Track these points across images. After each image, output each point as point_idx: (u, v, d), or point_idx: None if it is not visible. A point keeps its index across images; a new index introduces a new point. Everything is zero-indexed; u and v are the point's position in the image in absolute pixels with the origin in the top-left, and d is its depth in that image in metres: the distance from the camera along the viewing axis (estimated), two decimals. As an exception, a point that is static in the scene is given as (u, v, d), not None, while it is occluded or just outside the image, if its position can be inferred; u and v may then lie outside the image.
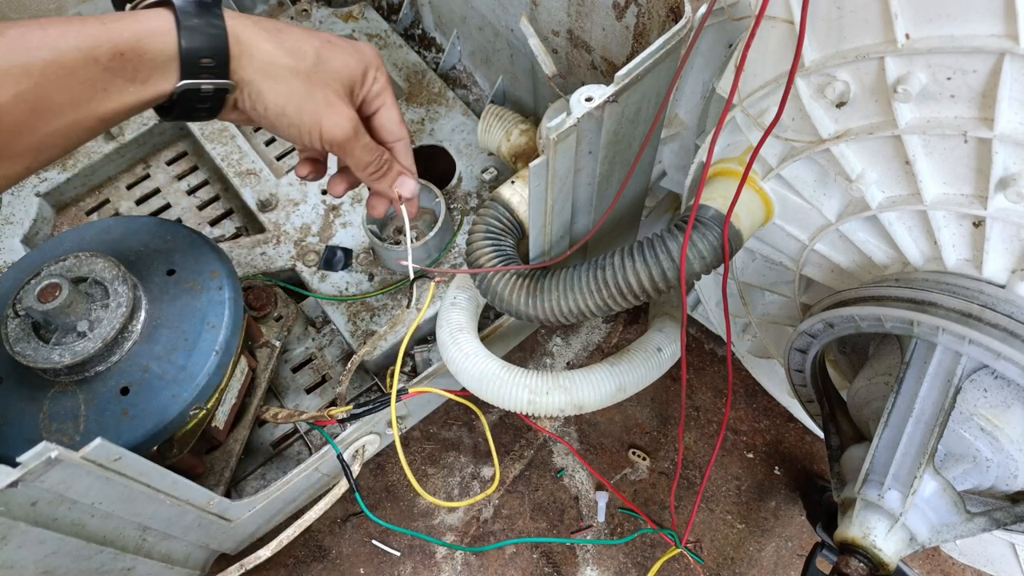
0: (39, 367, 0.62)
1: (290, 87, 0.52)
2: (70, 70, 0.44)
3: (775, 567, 0.89)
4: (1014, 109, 0.43)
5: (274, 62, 0.51)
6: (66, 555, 0.54)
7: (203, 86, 0.49)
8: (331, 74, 0.54)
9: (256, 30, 0.51)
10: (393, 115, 0.60)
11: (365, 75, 0.57)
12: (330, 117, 0.53)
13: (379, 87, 0.58)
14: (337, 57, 0.54)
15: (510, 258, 0.66)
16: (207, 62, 0.48)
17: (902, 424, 0.51)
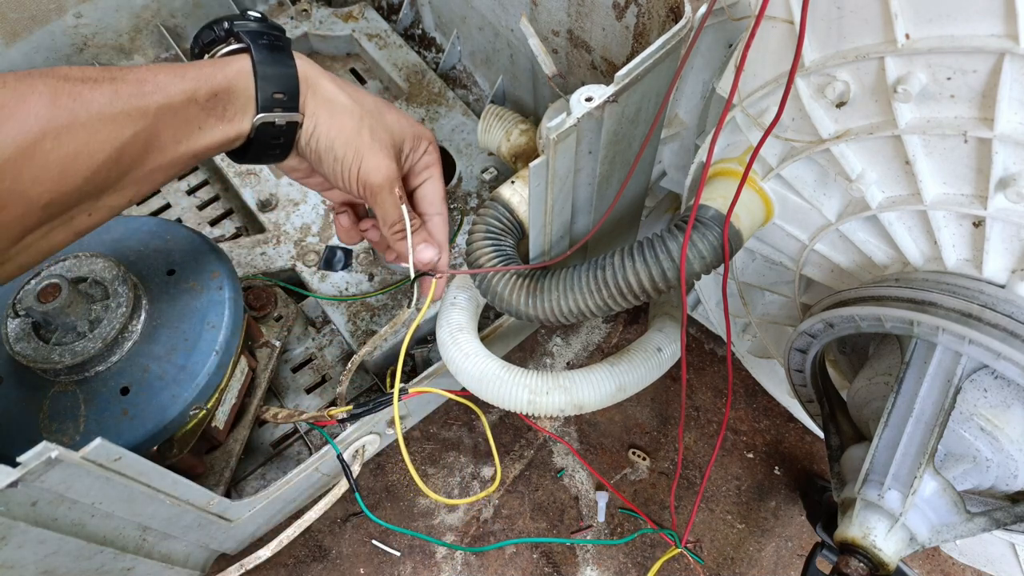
0: (39, 367, 0.62)
1: (343, 123, 0.55)
2: (176, 111, 0.48)
3: (775, 567, 0.89)
4: (1014, 109, 0.43)
5: (335, 100, 0.55)
6: (66, 555, 0.54)
7: (276, 120, 0.53)
8: (383, 126, 0.57)
9: (321, 72, 0.56)
10: (438, 190, 0.63)
11: (417, 142, 0.60)
12: (371, 159, 0.56)
13: (429, 160, 0.61)
14: (393, 115, 0.58)
15: (510, 258, 0.66)
16: (280, 97, 0.52)
17: (902, 424, 0.51)
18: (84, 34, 1.01)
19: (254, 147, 0.54)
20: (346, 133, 0.55)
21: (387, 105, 0.59)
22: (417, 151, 0.61)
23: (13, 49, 0.96)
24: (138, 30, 1.06)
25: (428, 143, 0.62)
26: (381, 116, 0.57)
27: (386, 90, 1.08)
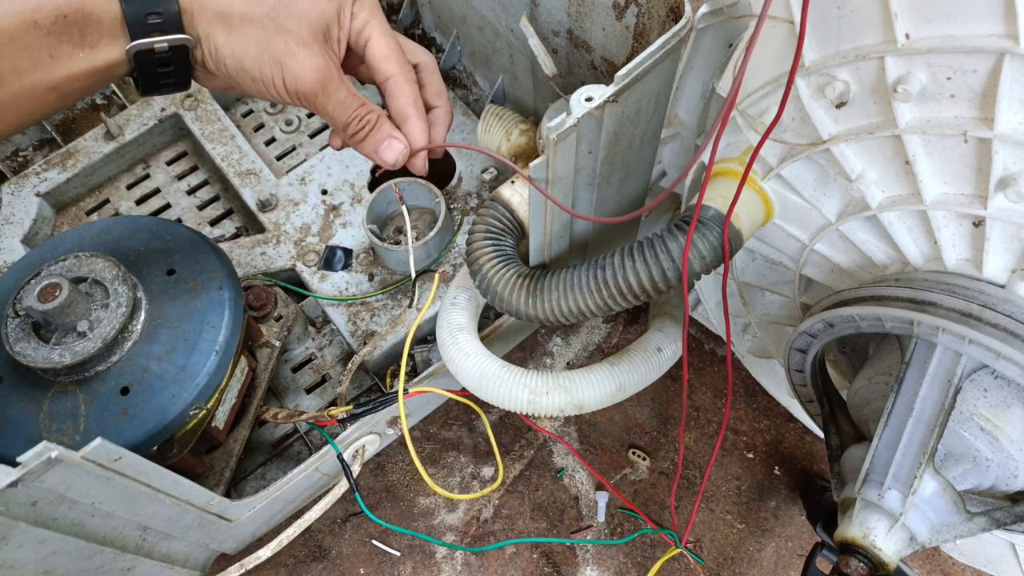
0: (39, 367, 0.62)
1: (246, 36, 0.46)
2: (9, 36, 0.41)
3: (775, 567, 0.89)
4: (1014, 109, 0.43)
5: (227, 10, 0.46)
6: (66, 555, 0.54)
7: (157, 45, 0.45)
8: (295, 17, 0.47)
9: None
10: (378, 50, 0.52)
11: (340, 12, 0.50)
12: (291, 68, 0.47)
13: (361, 21, 0.51)
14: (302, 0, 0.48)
15: (510, 258, 0.66)
16: (155, 18, 0.44)
17: (902, 424, 0.51)
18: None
19: (141, 78, 0.47)
20: (253, 48, 0.46)
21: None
22: (344, 18, 0.50)
23: (13, 49, 0.96)
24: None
25: (354, 1, 0.51)
26: (291, 6, 0.47)
27: (386, 90, 1.08)
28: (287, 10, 0.47)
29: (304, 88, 0.48)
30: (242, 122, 1.04)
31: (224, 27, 0.46)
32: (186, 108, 1.00)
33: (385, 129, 0.53)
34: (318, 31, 0.48)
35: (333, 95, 0.49)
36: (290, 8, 0.47)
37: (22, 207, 0.94)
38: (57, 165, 0.97)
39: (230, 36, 0.46)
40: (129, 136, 0.98)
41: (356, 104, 0.51)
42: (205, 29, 0.46)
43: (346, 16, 0.50)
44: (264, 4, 0.46)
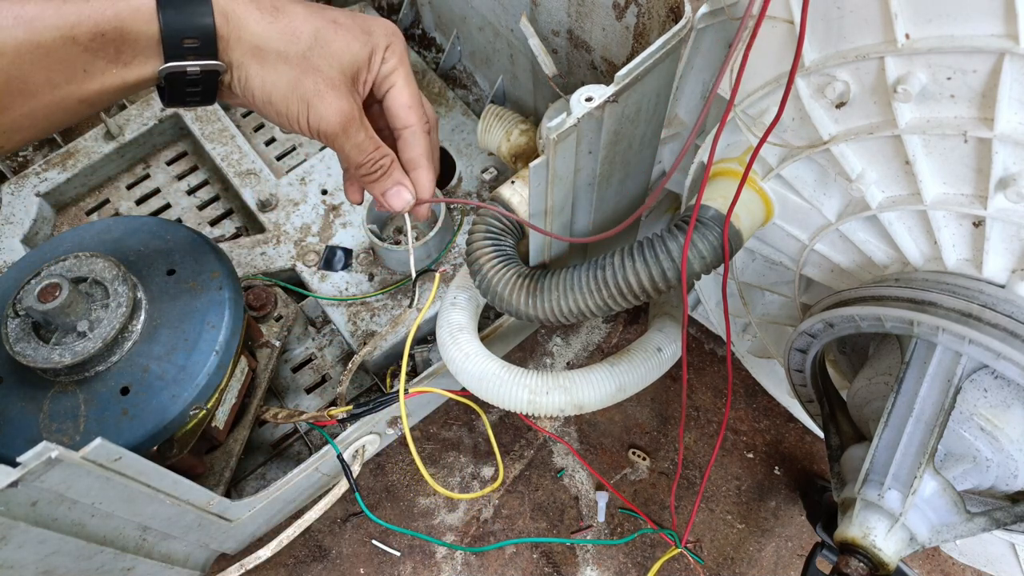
0: (39, 367, 0.62)
1: (278, 73, 0.47)
2: (47, 50, 0.42)
3: (775, 567, 0.89)
4: (1014, 109, 0.43)
5: (263, 45, 0.47)
6: (66, 555, 0.54)
7: (189, 68, 0.46)
8: (328, 59, 0.48)
9: (249, 8, 0.46)
10: (401, 99, 0.53)
11: (372, 57, 0.51)
12: (317, 108, 0.48)
13: (389, 67, 0.52)
14: (338, 39, 0.49)
15: (510, 258, 0.66)
16: (191, 43, 0.45)
17: (902, 424, 0.51)
18: (84, 34, 1.01)
19: (168, 93, 0.47)
20: (283, 85, 0.47)
21: (330, 25, 0.49)
22: (375, 63, 0.51)
23: (13, 49, 0.96)
24: (138, 30, 1.06)
25: (386, 47, 0.52)
26: (326, 47, 0.48)
27: (386, 90, 1.08)
28: (321, 50, 0.48)
29: (327, 128, 0.49)
30: (242, 122, 1.04)
31: (258, 61, 0.47)
32: (186, 108, 1.00)
33: (396, 175, 0.54)
34: (348, 74, 0.49)
35: (353, 137, 0.50)
36: (324, 49, 0.48)
37: (22, 207, 0.94)
38: (57, 165, 0.97)
39: (262, 70, 0.47)
40: (129, 136, 0.98)
41: (372, 147, 0.52)
42: (239, 59, 0.47)
43: (377, 61, 0.51)
44: (299, 43, 0.47)
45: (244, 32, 0.46)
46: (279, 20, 0.47)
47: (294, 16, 0.48)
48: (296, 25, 0.47)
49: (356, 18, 0.51)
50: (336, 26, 0.49)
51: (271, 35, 0.47)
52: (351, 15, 0.51)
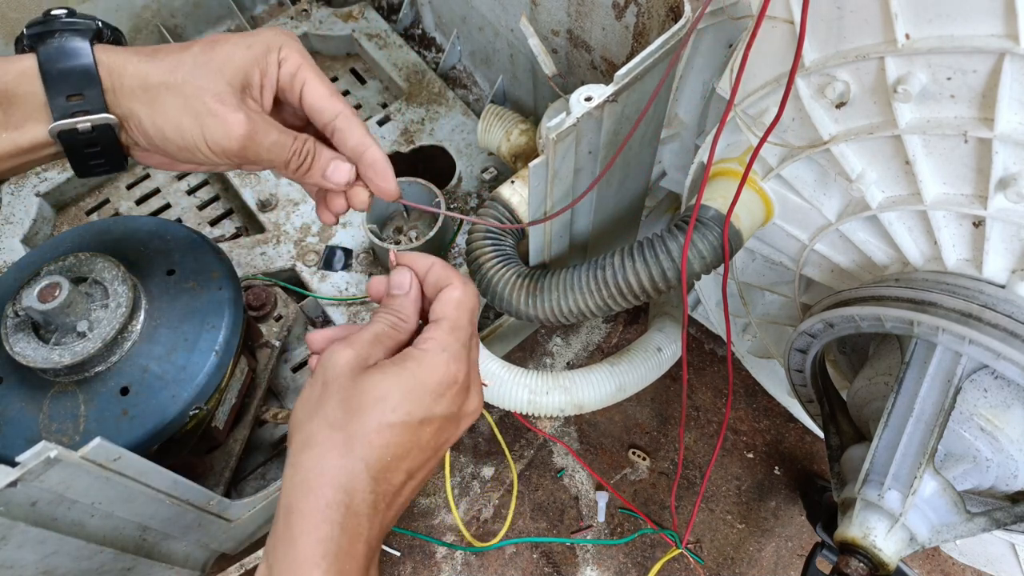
0: (39, 367, 0.62)
1: (165, 105, 0.46)
2: None
3: (775, 567, 0.89)
4: (1014, 109, 0.43)
5: (145, 83, 0.45)
6: (66, 555, 0.54)
7: (80, 125, 0.45)
8: (210, 76, 0.46)
9: (128, 55, 0.46)
10: (319, 91, 0.50)
11: (264, 61, 0.48)
12: (211, 127, 0.46)
13: (291, 66, 0.49)
14: (218, 54, 0.47)
15: (510, 258, 0.66)
16: (77, 99, 0.45)
17: (902, 424, 0.51)
18: (84, 34, 1.01)
19: (71, 158, 0.47)
20: (172, 115, 0.46)
21: (210, 44, 0.47)
22: (269, 67, 0.48)
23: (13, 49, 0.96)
24: (138, 30, 1.06)
25: (279, 48, 0.49)
26: (205, 66, 0.46)
27: (386, 90, 1.08)
28: (202, 70, 0.46)
29: (231, 144, 0.47)
30: (242, 122, 1.04)
31: (145, 102, 0.46)
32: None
33: (326, 153, 0.51)
34: (236, 84, 0.47)
35: (263, 140, 0.48)
36: (206, 67, 0.46)
37: (22, 207, 0.94)
38: (57, 165, 0.96)
39: (151, 108, 0.46)
40: (129, 136, 0.98)
41: (291, 139, 0.49)
42: (128, 106, 0.46)
43: (271, 64, 0.49)
44: (180, 70, 0.46)
45: (126, 78, 0.45)
46: (157, 56, 0.46)
47: (171, 50, 0.47)
48: (175, 55, 0.46)
49: (240, 34, 0.49)
50: (214, 44, 0.47)
51: (150, 71, 0.46)
52: (236, 33, 0.49)
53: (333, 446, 0.41)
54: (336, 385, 0.43)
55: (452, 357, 0.44)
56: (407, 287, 0.48)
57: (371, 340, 0.45)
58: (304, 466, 0.41)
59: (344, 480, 0.40)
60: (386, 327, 0.46)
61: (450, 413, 0.44)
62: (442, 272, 0.48)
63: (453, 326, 0.45)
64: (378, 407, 0.42)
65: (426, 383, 0.43)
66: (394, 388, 0.42)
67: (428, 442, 0.44)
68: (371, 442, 0.41)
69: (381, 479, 0.42)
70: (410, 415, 0.42)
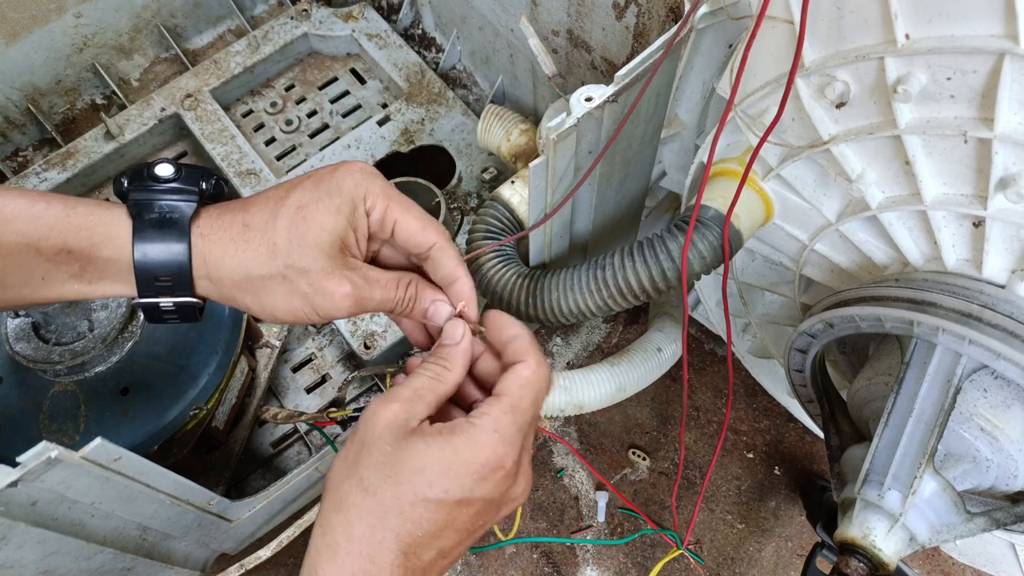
0: (39, 367, 0.62)
1: (270, 293, 0.46)
2: (7, 251, 0.43)
3: (775, 567, 0.89)
4: (1014, 109, 0.43)
5: (245, 277, 0.45)
6: (66, 555, 0.54)
7: (162, 303, 0.46)
8: (308, 253, 0.45)
9: (223, 242, 0.45)
10: (411, 227, 0.49)
11: (354, 219, 0.48)
12: (321, 305, 0.46)
13: (379, 212, 0.48)
14: (310, 227, 0.46)
15: (510, 258, 0.66)
16: (164, 281, 0.45)
17: (902, 424, 0.51)
18: (84, 34, 1.01)
19: (149, 317, 0.47)
20: (280, 302, 0.46)
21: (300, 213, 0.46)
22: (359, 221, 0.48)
23: (13, 49, 0.96)
24: (138, 30, 1.06)
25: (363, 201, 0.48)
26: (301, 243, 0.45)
27: (386, 90, 1.08)
28: (299, 250, 0.45)
29: (341, 313, 0.47)
30: (242, 122, 1.04)
31: (249, 291, 0.46)
32: (186, 108, 1.00)
33: (426, 295, 0.50)
34: (334, 252, 0.46)
35: (369, 299, 0.47)
36: (301, 247, 0.45)
37: (22, 207, 0.93)
38: (57, 165, 0.96)
39: (258, 297, 0.46)
40: (129, 136, 0.98)
41: (392, 289, 0.48)
42: (231, 294, 0.46)
43: (360, 216, 0.48)
44: (277, 257, 0.45)
45: (224, 272, 0.45)
46: (251, 243, 0.45)
47: (264, 228, 0.46)
48: (268, 237, 0.45)
49: (320, 185, 0.47)
50: (303, 210, 0.46)
51: (248, 263, 0.45)
52: (315, 183, 0.48)
53: (365, 512, 0.40)
54: (376, 447, 0.41)
55: (503, 440, 0.41)
56: (458, 338, 0.47)
57: (411, 395, 0.43)
58: (334, 529, 0.40)
59: (372, 551, 0.39)
60: (427, 378, 0.44)
61: (492, 497, 0.41)
62: (523, 346, 0.45)
63: (513, 406, 0.42)
64: (415, 478, 0.40)
65: (470, 463, 0.40)
66: (435, 461, 0.40)
67: (464, 524, 0.41)
68: (404, 514, 0.39)
69: (411, 554, 0.40)
70: (447, 493, 0.40)
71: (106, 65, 1.05)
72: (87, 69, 1.04)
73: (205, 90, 1.01)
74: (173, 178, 0.46)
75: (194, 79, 1.02)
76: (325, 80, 1.08)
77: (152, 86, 1.08)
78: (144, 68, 1.09)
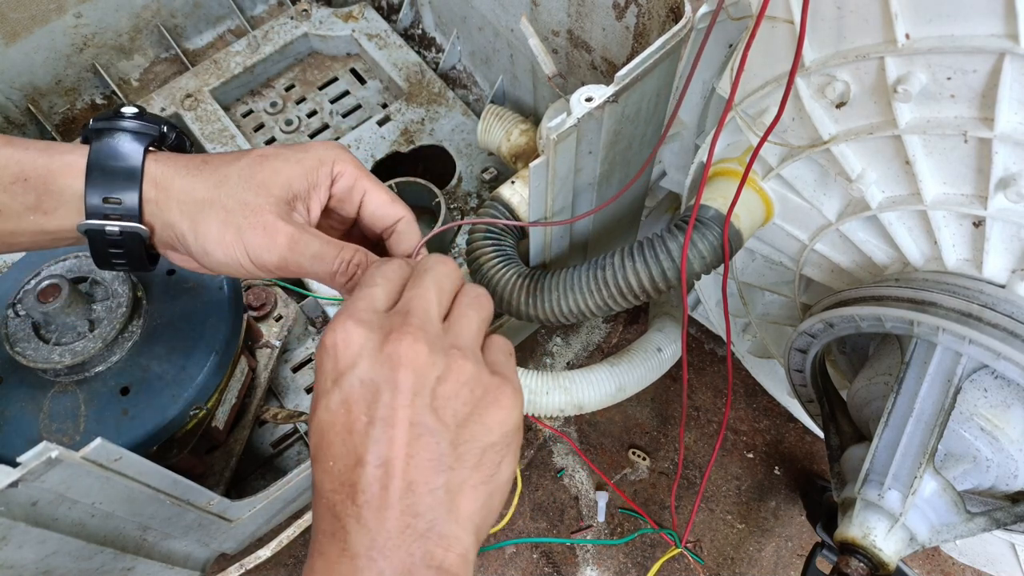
0: (39, 367, 0.62)
1: (207, 219, 0.45)
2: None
3: (775, 567, 0.89)
4: (1014, 109, 0.43)
5: (189, 198, 0.45)
6: (66, 555, 0.54)
7: (108, 228, 0.45)
8: (255, 189, 0.46)
9: (176, 168, 0.46)
10: (379, 199, 0.50)
11: (314, 174, 0.48)
12: (253, 240, 0.45)
13: (348, 180, 0.49)
14: (265, 168, 0.46)
15: (510, 258, 0.66)
16: (113, 203, 0.45)
17: (902, 424, 0.51)
18: (84, 34, 1.01)
19: (96, 254, 0.47)
20: (214, 230, 0.45)
21: (259, 158, 0.47)
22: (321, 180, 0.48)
23: (13, 49, 0.96)
24: (138, 30, 1.06)
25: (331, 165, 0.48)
26: (251, 179, 0.46)
27: (386, 90, 1.08)
28: (247, 183, 0.45)
29: (272, 258, 0.46)
30: (242, 122, 1.04)
31: (188, 216, 0.46)
32: (186, 108, 1.00)
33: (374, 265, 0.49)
34: (282, 198, 0.46)
35: (305, 251, 0.46)
36: (251, 180, 0.46)
37: (22, 207, 0.93)
38: (57, 165, 0.96)
39: (194, 223, 0.46)
40: (129, 136, 0.98)
41: (336, 250, 0.47)
42: (170, 218, 0.46)
43: (323, 176, 0.48)
44: (226, 183, 0.45)
45: (172, 191, 0.45)
46: (204, 170, 0.46)
47: (219, 163, 0.46)
48: (222, 170, 0.46)
49: (290, 147, 0.48)
50: (263, 157, 0.47)
51: (196, 185, 0.46)
52: (286, 146, 0.48)
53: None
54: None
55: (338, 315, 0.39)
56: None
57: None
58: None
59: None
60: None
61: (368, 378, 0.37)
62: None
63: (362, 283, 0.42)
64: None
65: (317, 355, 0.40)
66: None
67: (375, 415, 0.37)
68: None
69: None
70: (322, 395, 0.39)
71: (106, 65, 1.05)
72: (87, 69, 1.05)
73: (205, 90, 1.01)
74: (135, 116, 0.47)
75: (194, 79, 1.02)
76: (325, 80, 1.08)
77: (152, 86, 1.08)
78: (144, 68, 1.10)
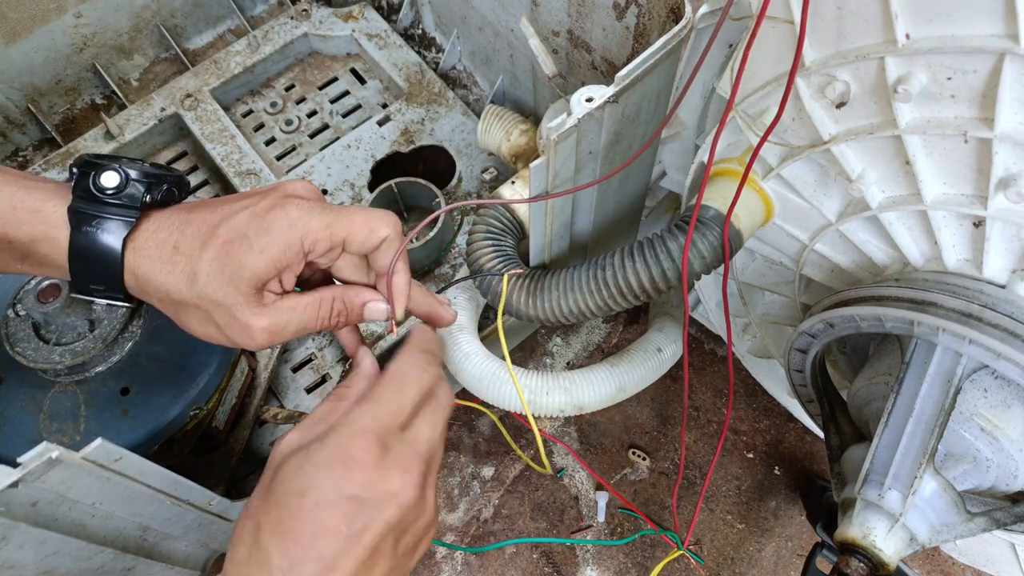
0: (39, 367, 0.62)
1: (188, 318, 0.47)
2: None
3: (775, 567, 0.89)
4: (1014, 109, 0.43)
5: (167, 297, 0.47)
6: (66, 555, 0.54)
7: (96, 299, 0.49)
8: (224, 289, 0.46)
9: (152, 259, 0.46)
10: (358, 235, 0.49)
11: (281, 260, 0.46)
12: (234, 335, 0.47)
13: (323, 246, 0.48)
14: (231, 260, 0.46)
15: (510, 258, 0.66)
16: (97, 287, 0.47)
17: (902, 424, 0.51)
18: (84, 34, 1.01)
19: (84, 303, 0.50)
20: (198, 326, 0.48)
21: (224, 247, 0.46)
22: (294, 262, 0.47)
23: (13, 49, 0.96)
24: (138, 30, 1.06)
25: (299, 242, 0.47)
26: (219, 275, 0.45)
27: (386, 90, 1.08)
28: (215, 283, 0.46)
29: (258, 345, 0.48)
30: (242, 122, 1.04)
31: (171, 310, 0.48)
32: (186, 108, 1.00)
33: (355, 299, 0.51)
34: (250, 290, 0.46)
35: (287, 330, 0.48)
36: (219, 280, 0.46)
37: (22, 207, 0.93)
38: (57, 165, 0.96)
39: (176, 316, 0.48)
40: (129, 136, 0.98)
41: (314, 311, 0.49)
42: (155, 304, 0.48)
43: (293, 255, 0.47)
44: (196, 282, 0.46)
45: (149, 287, 0.47)
46: (176, 266, 0.46)
47: (191, 255, 0.46)
48: (191, 265, 0.46)
49: (252, 221, 0.46)
50: (228, 246, 0.46)
51: (169, 283, 0.46)
52: (249, 217, 0.46)
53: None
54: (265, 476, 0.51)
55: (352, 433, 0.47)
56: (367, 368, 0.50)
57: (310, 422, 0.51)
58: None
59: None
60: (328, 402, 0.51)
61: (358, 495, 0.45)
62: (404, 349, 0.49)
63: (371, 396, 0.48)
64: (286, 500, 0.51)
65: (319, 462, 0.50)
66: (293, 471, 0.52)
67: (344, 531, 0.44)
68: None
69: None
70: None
71: (106, 65, 1.05)
72: (87, 69, 1.05)
73: (205, 90, 1.01)
74: (117, 190, 0.46)
75: (194, 79, 1.02)
76: (325, 80, 1.08)
77: (152, 86, 1.08)
78: (144, 68, 1.10)
